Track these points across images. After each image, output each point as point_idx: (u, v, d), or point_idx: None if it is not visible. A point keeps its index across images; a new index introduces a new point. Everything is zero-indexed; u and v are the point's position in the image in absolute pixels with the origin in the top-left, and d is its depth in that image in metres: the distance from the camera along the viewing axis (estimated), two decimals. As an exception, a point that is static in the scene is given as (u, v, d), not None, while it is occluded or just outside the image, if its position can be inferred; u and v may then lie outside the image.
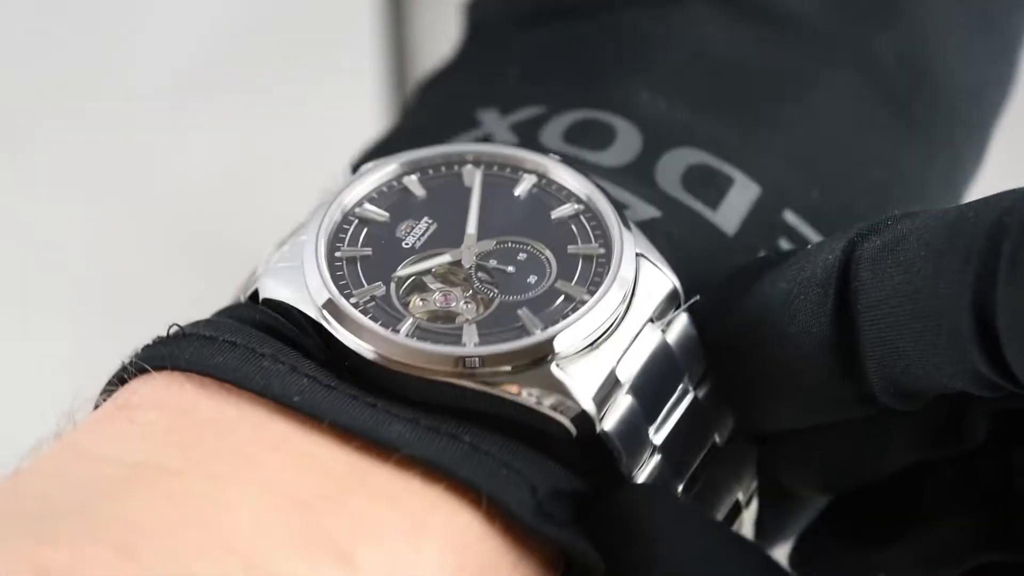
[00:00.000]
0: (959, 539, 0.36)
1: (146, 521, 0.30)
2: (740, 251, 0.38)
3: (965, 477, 0.36)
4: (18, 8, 0.76)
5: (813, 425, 0.36)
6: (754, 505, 0.37)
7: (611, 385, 0.34)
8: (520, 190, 0.37)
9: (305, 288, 0.35)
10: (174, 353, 0.34)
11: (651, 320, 0.35)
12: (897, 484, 0.37)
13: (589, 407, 0.34)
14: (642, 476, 0.35)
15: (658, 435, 0.35)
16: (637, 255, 0.35)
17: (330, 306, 0.34)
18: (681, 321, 0.36)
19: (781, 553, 0.38)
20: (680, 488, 0.36)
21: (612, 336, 0.35)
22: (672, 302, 0.36)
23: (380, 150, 0.41)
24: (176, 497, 0.31)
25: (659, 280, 0.35)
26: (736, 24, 0.41)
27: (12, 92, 0.76)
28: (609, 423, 0.34)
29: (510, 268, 0.36)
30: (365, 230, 0.36)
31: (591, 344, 0.34)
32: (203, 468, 0.32)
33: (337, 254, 0.36)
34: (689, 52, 0.41)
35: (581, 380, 0.34)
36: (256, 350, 0.34)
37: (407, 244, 0.36)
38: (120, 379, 0.34)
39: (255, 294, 0.36)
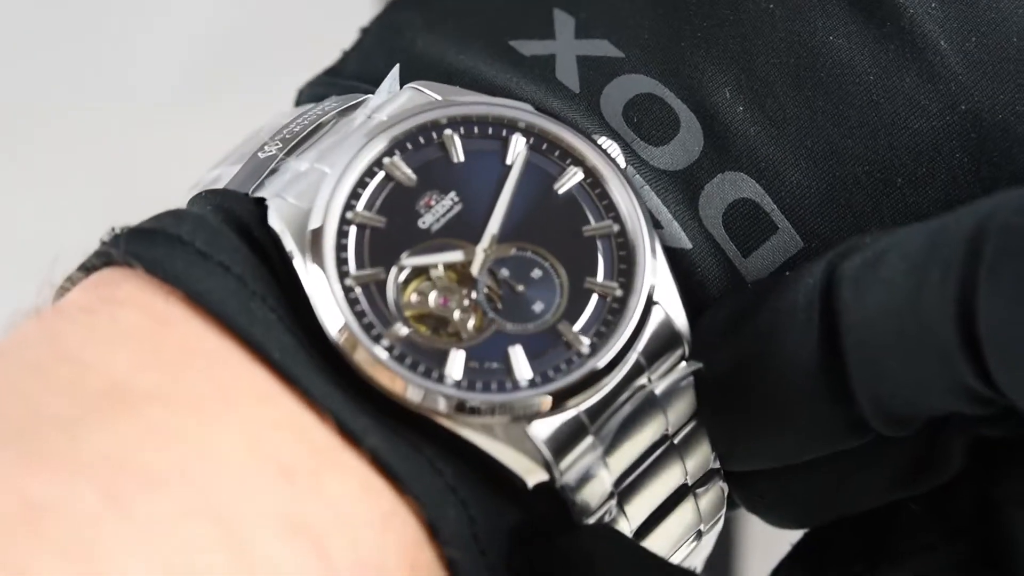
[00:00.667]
0: (934, 572, 0.35)
1: (134, 460, 0.30)
2: None
3: (939, 510, 0.35)
4: (19, 9, 0.76)
5: (803, 461, 0.34)
6: (717, 528, 0.37)
7: (582, 438, 0.33)
8: (561, 185, 0.34)
9: (304, 237, 0.33)
10: (164, 261, 0.32)
11: (645, 363, 0.34)
12: (870, 516, 0.36)
13: (551, 462, 0.33)
14: (595, 518, 0.34)
15: (622, 483, 0.34)
16: (654, 304, 0.34)
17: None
18: (678, 371, 0.34)
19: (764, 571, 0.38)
20: (640, 521, 0.35)
21: (599, 385, 0.33)
22: (675, 345, 0.34)
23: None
24: (164, 433, 0.30)
25: (666, 324, 0.34)
26: (864, 33, 0.36)
27: (12, 92, 0.76)
28: (571, 476, 0.33)
29: (520, 287, 0.34)
30: (387, 189, 0.34)
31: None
32: (191, 405, 0.31)
33: (349, 214, 0.33)
34: (795, 53, 0.36)
35: (549, 436, 0.33)
36: (247, 284, 0.32)
37: (423, 224, 0.34)
38: (104, 258, 0.33)
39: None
